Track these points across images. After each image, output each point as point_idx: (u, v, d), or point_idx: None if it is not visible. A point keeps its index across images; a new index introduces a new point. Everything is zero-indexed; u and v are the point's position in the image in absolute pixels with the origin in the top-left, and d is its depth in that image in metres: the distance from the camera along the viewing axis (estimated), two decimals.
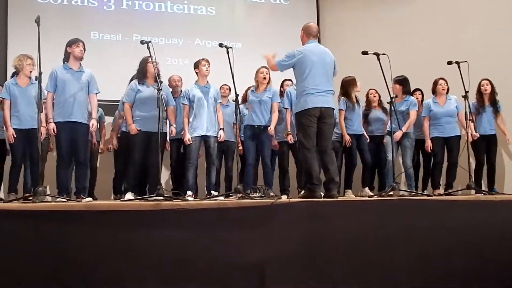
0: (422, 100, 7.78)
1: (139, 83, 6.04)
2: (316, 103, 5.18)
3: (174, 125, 6.28)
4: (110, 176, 7.49)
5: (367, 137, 7.32)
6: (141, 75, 6.06)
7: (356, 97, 7.17)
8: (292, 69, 5.39)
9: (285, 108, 6.84)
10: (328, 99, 5.27)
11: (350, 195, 6.92)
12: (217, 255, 4.11)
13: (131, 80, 6.37)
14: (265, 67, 6.67)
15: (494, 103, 7.17)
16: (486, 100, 7.16)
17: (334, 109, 5.42)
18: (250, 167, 6.73)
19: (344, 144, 7.04)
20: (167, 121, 6.22)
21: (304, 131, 5.21)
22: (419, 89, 7.77)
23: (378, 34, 8.76)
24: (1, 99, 6.11)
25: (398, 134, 6.74)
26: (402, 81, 6.84)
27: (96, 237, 3.88)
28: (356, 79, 7.08)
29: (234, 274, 4.13)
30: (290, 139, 6.74)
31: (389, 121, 6.80)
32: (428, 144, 7.12)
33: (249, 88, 7.02)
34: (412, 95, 7.36)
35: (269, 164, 6.84)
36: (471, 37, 7.87)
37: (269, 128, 6.66)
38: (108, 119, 7.62)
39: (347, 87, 7.07)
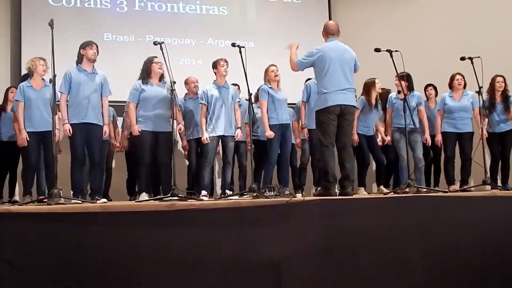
0: (436, 95, 7.72)
1: (143, 83, 6.03)
2: (336, 100, 5.17)
3: (182, 123, 6.26)
4: (125, 177, 7.53)
5: (385, 138, 7.26)
6: (145, 74, 6.05)
7: (377, 100, 7.09)
8: (312, 68, 5.38)
9: (303, 101, 6.81)
10: (348, 96, 5.26)
11: (363, 193, 6.86)
12: (232, 254, 4.12)
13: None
14: (274, 65, 6.68)
15: (505, 100, 7.09)
16: (497, 97, 7.08)
17: (355, 106, 5.42)
18: (272, 166, 6.67)
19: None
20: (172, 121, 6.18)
21: (323, 129, 5.21)
22: (432, 84, 7.71)
23: (390, 31, 8.73)
24: (16, 101, 6.12)
25: (428, 137, 6.84)
26: (406, 77, 6.80)
27: (111, 238, 3.90)
28: (376, 80, 7.02)
29: (250, 273, 4.14)
30: (306, 132, 6.70)
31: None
32: (439, 138, 7.06)
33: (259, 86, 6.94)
34: (425, 91, 7.31)
35: (288, 160, 6.83)
36: (483, 32, 7.79)
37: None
38: (121, 120, 7.64)
39: (367, 88, 7.02)
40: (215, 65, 6.47)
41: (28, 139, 5.96)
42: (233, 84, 7.35)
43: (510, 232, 4.91)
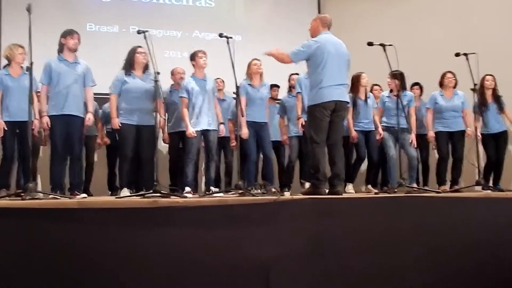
0: (421, 95, 7.64)
1: (126, 74, 5.80)
2: (331, 96, 4.98)
3: (164, 117, 6.03)
4: (106, 171, 7.32)
5: (381, 132, 7.10)
6: (128, 65, 5.82)
7: (366, 93, 6.97)
8: (304, 61, 5.18)
9: (298, 93, 6.63)
10: (343, 92, 5.10)
11: (350, 190, 6.70)
12: (218, 254, 3.95)
13: None
14: (257, 59, 6.48)
15: (497, 99, 6.96)
16: (488, 96, 6.94)
17: (348, 102, 5.26)
18: (253, 163, 6.53)
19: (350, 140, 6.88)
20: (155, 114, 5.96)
21: (316, 125, 5.01)
22: (418, 83, 7.60)
23: (381, 27, 8.55)
24: None
25: (413, 137, 6.63)
26: (399, 76, 6.66)
27: (90, 236, 3.69)
28: (363, 75, 6.91)
29: (237, 274, 3.98)
30: (302, 122, 6.52)
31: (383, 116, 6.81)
32: (431, 135, 6.93)
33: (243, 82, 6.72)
34: (411, 90, 7.20)
35: (271, 158, 6.65)
36: (478, 30, 7.66)
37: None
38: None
39: (353, 82, 6.87)
40: (193, 57, 6.22)
41: (6, 129, 5.69)
42: (217, 78, 7.17)
43: (503, 234, 4.81)
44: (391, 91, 6.68)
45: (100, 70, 6.96)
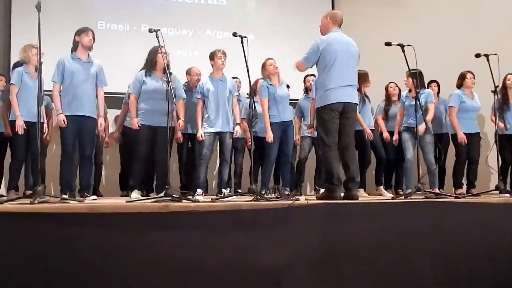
0: (438, 93, 7.50)
1: (145, 75, 5.70)
2: (339, 97, 4.82)
3: (183, 119, 5.94)
4: (116, 171, 7.25)
5: (385, 133, 7.04)
6: (149, 66, 5.70)
7: (364, 93, 6.81)
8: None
9: (313, 99, 6.50)
10: (352, 93, 4.93)
11: (363, 194, 6.55)
12: (230, 259, 3.87)
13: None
14: (271, 58, 6.38)
15: None
16: (510, 96, 6.77)
17: (358, 104, 5.10)
18: (271, 165, 6.39)
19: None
20: (173, 115, 5.86)
21: (325, 127, 4.87)
22: (435, 81, 7.45)
23: (395, 26, 8.40)
24: (12, 85, 5.74)
25: (422, 128, 6.21)
26: (417, 75, 6.52)
27: (100, 241, 3.62)
28: (367, 75, 6.74)
29: (249, 280, 3.88)
30: (311, 132, 6.43)
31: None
32: (462, 136, 6.64)
33: (256, 80, 6.62)
34: (428, 87, 7.04)
35: (291, 161, 6.57)
36: (492, 29, 7.47)
37: None
38: (114, 112, 7.33)
39: (360, 80, 6.73)
40: (212, 56, 6.14)
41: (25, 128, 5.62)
42: (233, 78, 7.06)
43: None
44: (409, 90, 6.52)
45: (110, 69, 6.90)
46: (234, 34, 5.00)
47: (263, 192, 5.09)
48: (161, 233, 3.75)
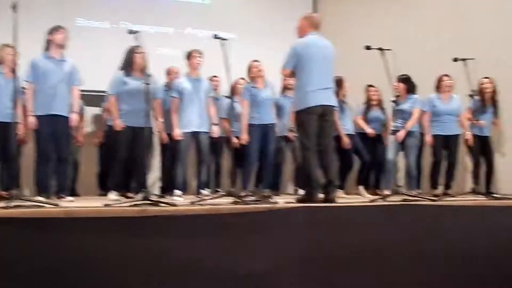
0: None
1: (124, 75, 5.64)
2: (318, 100, 4.82)
3: (162, 120, 5.88)
4: (93, 170, 7.17)
5: (370, 132, 7.08)
6: (127, 65, 5.65)
7: (342, 99, 6.85)
8: None
9: None
10: (330, 96, 4.94)
11: (341, 195, 6.54)
12: (209, 264, 3.83)
13: None
14: (257, 61, 6.37)
15: (494, 104, 6.83)
16: (487, 100, 6.82)
17: (335, 106, 5.10)
18: (251, 167, 6.39)
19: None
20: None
21: (304, 131, 4.86)
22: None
23: (377, 29, 8.36)
24: None
25: (400, 134, 6.40)
26: (406, 80, 6.53)
27: (76, 246, 3.56)
28: (344, 80, 6.80)
29: (228, 285, 3.86)
30: (292, 136, 6.41)
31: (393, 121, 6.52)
32: (429, 139, 6.80)
33: (236, 81, 6.59)
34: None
35: (272, 162, 6.54)
36: (476, 33, 7.50)
37: None
38: (93, 110, 7.26)
39: (338, 86, 6.76)
40: (188, 56, 6.08)
41: None
42: (213, 76, 7.03)
43: (498, 242, 4.73)
44: (398, 95, 6.58)
45: (90, 66, 6.85)
46: (215, 36, 4.96)
47: (243, 195, 5.02)
48: (139, 238, 3.70)
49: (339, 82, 6.72)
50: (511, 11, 7.34)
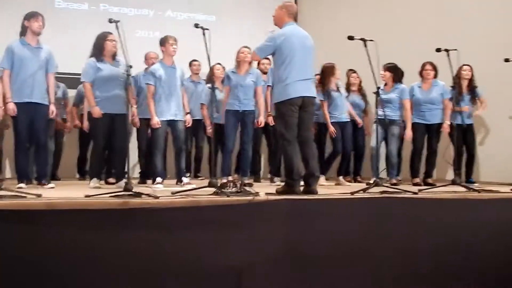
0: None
1: (97, 61, 5.56)
2: (299, 92, 4.78)
3: (135, 106, 5.84)
4: (75, 154, 7.14)
5: (360, 122, 7.16)
6: (98, 52, 5.57)
7: (337, 84, 6.86)
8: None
9: (268, 86, 6.47)
10: (310, 87, 4.90)
11: (322, 182, 6.53)
12: (190, 258, 3.83)
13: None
14: (246, 47, 6.26)
15: (472, 91, 6.84)
16: (464, 87, 6.85)
17: (316, 97, 5.08)
18: (229, 154, 6.34)
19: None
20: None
21: (285, 122, 4.81)
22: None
23: (359, 19, 8.33)
24: None
25: (409, 132, 6.69)
26: (393, 69, 6.52)
27: (57, 239, 3.54)
28: (336, 67, 6.78)
29: (209, 279, 3.87)
30: (271, 121, 6.41)
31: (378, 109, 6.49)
32: (409, 130, 6.77)
33: (213, 66, 6.47)
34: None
35: (250, 150, 6.49)
36: (457, 24, 7.50)
37: (258, 120, 6.38)
38: (73, 92, 7.14)
39: (324, 74, 6.78)
40: (163, 42, 5.93)
41: None
42: (193, 61, 6.97)
43: (479, 235, 4.77)
44: (385, 84, 6.59)
45: (68, 48, 6.75)
46: (196, 25, 4.88)
47: (224, 184, 4.97)
48: (120, 231, 3.69)
49: (331, 69, 6.74)
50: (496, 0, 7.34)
